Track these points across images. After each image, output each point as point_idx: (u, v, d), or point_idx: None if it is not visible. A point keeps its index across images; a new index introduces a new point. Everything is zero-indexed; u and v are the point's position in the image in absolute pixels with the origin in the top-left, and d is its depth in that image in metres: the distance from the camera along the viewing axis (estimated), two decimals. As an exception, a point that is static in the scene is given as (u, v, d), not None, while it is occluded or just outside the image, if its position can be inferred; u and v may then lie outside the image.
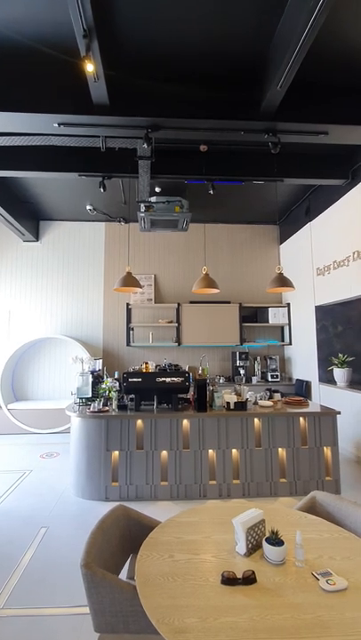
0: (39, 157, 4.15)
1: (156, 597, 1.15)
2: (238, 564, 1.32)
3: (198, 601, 1.14)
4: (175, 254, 6.38)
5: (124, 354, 6.11)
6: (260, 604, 1.13)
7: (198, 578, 1.25)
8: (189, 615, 1.08)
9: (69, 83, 3.05)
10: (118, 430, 3.23)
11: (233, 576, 1.22)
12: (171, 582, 1.22)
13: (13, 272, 6.22)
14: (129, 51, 2.86)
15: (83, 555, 1.28)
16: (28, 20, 2.62)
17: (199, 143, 3.71)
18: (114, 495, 3.17)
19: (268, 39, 2.73)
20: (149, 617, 1.08)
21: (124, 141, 3.50)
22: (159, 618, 1.07)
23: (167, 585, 1.21)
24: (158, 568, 1.29)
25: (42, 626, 1.84)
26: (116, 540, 1.54)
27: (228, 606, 1.12)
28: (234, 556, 1.37)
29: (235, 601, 1.14)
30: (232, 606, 1.12)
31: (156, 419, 3.24)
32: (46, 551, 2.47)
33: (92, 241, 6.33)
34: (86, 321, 6.19)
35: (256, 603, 1.13)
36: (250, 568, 1.27)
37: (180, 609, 1.11)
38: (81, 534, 2.67)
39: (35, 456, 4.52)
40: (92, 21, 2.36)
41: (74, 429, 3.40)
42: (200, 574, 1.27)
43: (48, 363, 6.13)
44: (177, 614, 1.09)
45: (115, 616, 1.22)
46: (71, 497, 3.30)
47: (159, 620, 1.06)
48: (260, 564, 1.31)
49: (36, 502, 3.20)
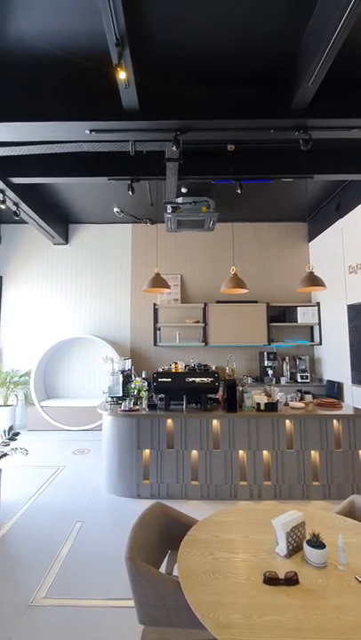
0: (70, 163, 4.28)
1: (199, 593, 1.18)
2: (279, 564, 1.32)
3: (241, 599, 1.16)
4: (201, 254, 6.39)
5: (151, 354, 6.19)
6: (303, 604, 1.13)
7: (240, 576, 1.26)
8: (233, 612, 1.10)
9: (100, 90, 3.13)
10: (149, 429, 3.28)
11: (275, 576, 1.23)
12: (213, 579, 1.24)
13: (44, 274, 6.45)
14: (158, 55, 2.91)
15: (126, 549, 1.33)
16: (62, 32, 2.71)
17: (227, 143, 3.70)
18: (145, 493, 3.23)
19: (298, 37, 2.69)
20: (194, 611, 1.11)
21: (153, 145, 3.54)
22: (204, 613, 1.10)
23: (209, 582, 1.23)
24: (200, 565, 1.31)
25: (82, 617, 1.91)
26: (155, 536, 1.58)
27: (271, 605, 1.13)
28: (274, 556, 1.37)
29: (278, 600, 1.15)
30: (275, 605, 1.13)
31: (186, 418, 3.27)
32: (83, 545, 2.56)
33: (119, 242, 6.46)
34: (114, 321, 6.32)
35: (300, 603, 1.13)
36: (291, 569, 1.27)
37: (224, 605, 1.13)
38: (115, 530, 2.74)
39: (67, 452, 4.67)
40: (124, 30, 2.42)
41: (105, 427, 3.49)
42: (241, 573, 1.28)
43: (78, 362, 6.31)
44: (221, 610, 1.11)
45: (159, 609, 1.26)
46: (103, 493, 3.39)
47: (204, 614, 1.09)
48: (301, 566, 1.31)
49: (71, 497, 3.32)
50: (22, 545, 2.55)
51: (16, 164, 4.23)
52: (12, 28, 2.65)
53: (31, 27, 2.64)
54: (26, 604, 1.99)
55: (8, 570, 2.28)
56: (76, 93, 3.19)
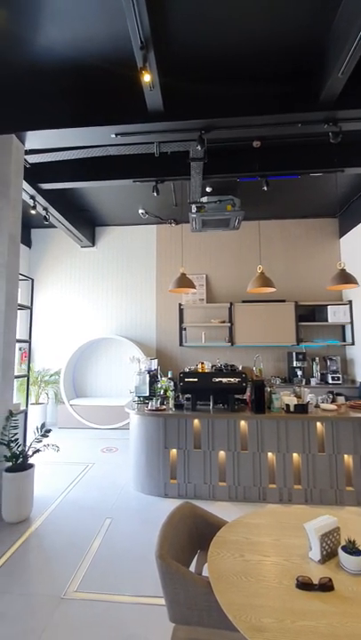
0: (97, 167, 4.38)
1: (230, 594, 1.16)
2: (312, 569, 1.28)
3: (273, 602, 1.13)
4: (227, 253, 6.34)
5: (176, 354, 6.21)
6: (339, 611, 1.09)
7: (271, 580, 1.23)
8: (266, 615, 1.08)
9: (125, 94, 3.18)
10: (176, 429, 3.29)
11: (309, 581, 1.19)
12: (244, 581, 1.22)
13: (72, 276, 6.63)
14: (181, 56, 2.92)
15: (156, 546, 1.33)
16: (88, 40, 2.78)
17: (253, 140, 3.66)
18: (173, 492, 3.24)
19: (326, 26, 2.61)
20: (226, 612, 1.09)
21: (178, 145, 3.56)
22: (236, 614, 1.08)
23: (241, 584, 1.21)
24: (230, 566, 1.30)
25: (112, 612, 1.94)
26: (185, 535, 1.58)
27: (305, 610, 1.09)
28: (307, 561, 1.33)
29: (312, 606, 1.11)
30: (309, 611, 1.09)
31: (213, 419, 3.25)
32: (112, 541, 2.60)
33: (144, 244, 6.53)
34: (140, 321, 6.40)
35: (335, 610, 1.09)
36: (325, 575, 1.22)
37: (256, 608, 1.11)
38: (144, 528, 2.77)
39: (96, 450, 4.77)
40: (148, 32, 2.44)
41: (133, 426, 3.54)
42: (273, 576, 1.25)
43: (105, 362, 6.44)
44: (253, 613, 1.09)
45: (189, 608, 1.25)
46: (131, 491, 3.43)
47: (236, 616, 1.07)
48: (335, 572, 1.26)
49: (100, 494, 3.38)
50: (55, 538, 2.63)
51: (45, 170, 4.39)
52: (41, 39, 2.75)
53: (59, 36, 2.73)
54: (58, 597, 2.04)
55: (42, 562, 2.36)
56: (101, 98, 3.26)
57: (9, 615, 1.91)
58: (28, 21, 2.60)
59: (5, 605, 1.98)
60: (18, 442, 3.04)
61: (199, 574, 1.60)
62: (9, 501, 2.84)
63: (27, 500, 2.91)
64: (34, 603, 2.00)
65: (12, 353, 3.25)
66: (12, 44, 2.78)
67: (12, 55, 2.89)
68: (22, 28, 2.65)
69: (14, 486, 2.85)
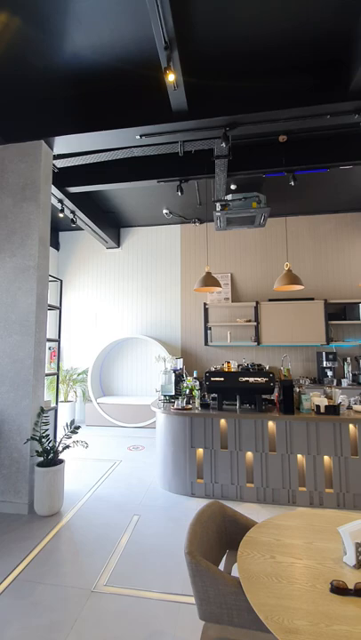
0: (122, 169, 4.46)
1: (261, 595, 1.14)
2: (347, 574, 1.23)
3: (306, 605, 1.10)
4: (252, 251, 6.25)
5: (202, 353, 6.20)
6: (377, 619, 1.04)
7: (304, 583, 1.20)
8: (298, 617, 1.05)
9: (149, 95, 3.22)
10: (202, 428, 3.28)
11: (344, 586, 1.14)
12: (275, 583, 1.20)
13: (98, 277, 6.78)
14: (205, 53, 2.91)
15: (186, 543, 1.33)
16: (112, 43, 2.82)
17: (278, 134, 3.58)
18: (200, 492, 3.23)
19: (354, 15, 2.51)
20: (257, 613, 1.07)
21: (202, 143, 3.55)
22: (267, 615, 1.06)
23: (272, 585, 1.19)
24: (261, 567, 1.27)
25: (141, 607, 1.96)
26: (214, 533, 1.56)
27: (339, 615, 1.06)
28: (341, 566, 1.28)
29: (347, 611, 1.07)
30: (344, 616, 1.05)
31: (240, 419, 3.21)
32: (140, 537, 2.63)
33: (168, 243, 6.57)
34: (165, 321, 6.43)
35: (373, 618, 1.05)
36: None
37: (288, 610, 1.08)
38: (171, 526, 2.78)
39: (123, 448, 4.84)
40: (172, 32, 2.45)
41: (159, 425, 3.56)
42: (305, 579, 1.22)
43: (131, 361, 6.53)
44: (285, 615, 1.06)
45: (219, 607, 1.24)
46: (158, 489, 3.45)
47: (267, 617, 1.05)
48: (373, 579, 1.20)
49: (128, 491, 3.43)
50: (85, 532, 2.69)
51: (72, 174, 4.51)
52: (67, 45, 2.83)
53: (85, 41, 2.79)
54: (89, 590, 2.09)
55: (73, 554, 2.42)
56: (125, 101, 3.31)
57: (43, 604, 1.97)
58: (55, 28, 2.68)
59: (39, 595, 2.05)
60: (49, 437, 3.14)
61: (228, 574, 1.58)
62: (41, 495, 2.94)
63: (58, 495, 3.00)
64: (66, 594, 2.05)
65: (42, 352, 3.36)
66: (39, 51, 2.87)
67: (39, 63, 2.98)
68: (49, 35, 2.74)
69: (46, 481, 2.94)
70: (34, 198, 3.39)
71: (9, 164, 3.46)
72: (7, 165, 3.47)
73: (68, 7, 2.53)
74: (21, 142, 3.46)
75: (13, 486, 3.06)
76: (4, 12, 2.56)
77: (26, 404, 3.14)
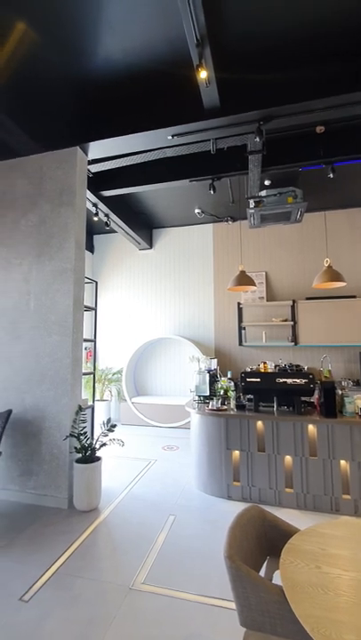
0: (154, 170, 4.49)
1: (306, 606, 1.08)
2: None
3: (355, 619, 1.03)
4: (288, 249, 6.05)
5: (236, 354, 6.09)
6: None
7: (353, 596, 1.12)
8: (348, 632, 0.98)
9: (180, 94, 3.21)
10: (238, 430, 3.21)
11: None
12: (322, 594, 1.13)
13: (131, 279, 6.88)
14: (236, 48, 2.85)
15: (225, 546, 1.29)
16: (143, 46, 2.84)
17: (315, 125, 3.44)
18: (236, 495, 3.16)
19: None
20: (303, 623, 1.02)
21: (234, 139, 3.49)
22: (313, 627, 1.00)
23: (318, 596, 1.12)
24: (305, 577, 1.21)
25: (178, 608, 1.94)
26: (253, 538, 1.51)
27: (396, 636, 0.97)
28: (395, 581, 1.18)
29: None
30: None
31: (278, 421, 3.10)
32: (176, 538, 2.61)
33: (200, 243, 6.53)
34: (198, 321, 6.40)
35: None
36: None
37: (336, 623, 1.01)
38: (208, 528, 2.74)
39: (157, 447, 4.87)
40: (204, 28, 2.43)
41: (193, 425, 3.53)
42: (354, 592, 1.14)
43: (164, 361, 6.56)
44: (333, 627, 0.99)
45: (261, 615, 1.19)
46: (194, 490, 3.43)
47: (314, 629, 0.99)
48: None
49: (163, 490, 3.43)
50: (122, 529, 2.73)
51: (106, 177, 4.62)
52: (100, 51, 2.88)
53: (117, 45, 2.83)
54: (127, 587, 2.10)
55: (110, 551, 2.46)
56: (157, 102, 3.33)
57: (83, 598, 2.02)
58: (88, 35, 2.75)
59: (79, 588, 2.09)
60: (86, 435, 3.22)
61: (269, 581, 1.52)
62: (79, 491, 3.02)
63: (95, 491, 3.07)
64: (104, 589, 2.08)
65: (80, 351, 3.46)
66: (73, 59, 2.95)
67: (73, 70, 3.07)
68: (82, 42, 2.80)
69: (84, 477, 3.02)
70: (70, 203, 3.50)
71: (47, 172, 3.61)
72: (45, 172, 3.61)
73: (100, 14, 2.58)
74: (58, 150, 3.59)
75: (54, 481, 3.17)
76: (39, 24, 2.66)
77: (65, 401, 3.24)
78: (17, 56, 2.90)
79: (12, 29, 2.69)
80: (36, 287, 3.48)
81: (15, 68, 2.98)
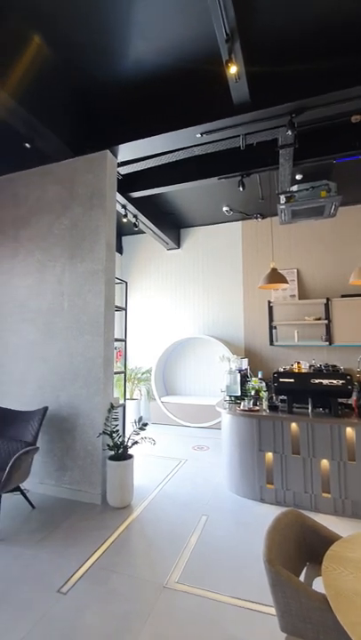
0: (181, 169, 4.49)
1: (352, 614, 1.03)
2: None
3: None
4: (321, 244, 5.84)
5: (267, 353, 5.96)
6: None
7: None
8: None
9: (209, 92, 3.18)
10: (271, 431, 3.13)
11: None
12: (370, 606, 1.07)
13: (159, 279, 6.92)
14: (267, 41, 2.79)
15: (264, 550, 1.26)
16: (172, 45, 2.85)
17: (350, 115, 3.30)
18: (269, 498, 3.09)
19: None
20: (349, 633, 0.97)
21: (265, 134, 3.41)
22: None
23: (366, 608, 1.06)
24: (350, 585, 1.15)
25: (212, 609, 1.92)
26: (292, 543, 1.46)
27: None
28: None
29: None
30: None
31: (313, 423, 3.00)
32: (210, 538, 2.59)
33: (229, 241, 6.46)
34: (227, 320, 6.33)
35: None
36: None
37: (388, 639, 0.95)
38: (241, 530, 2.70)
39: (187, 447, 4.87)
40: (234, 23, 2.39)
41: (225, 426, 3.49)
42: None
43: (193, 361, 6.55)
44: (385, 644, 0.94)
45: (303, 622, 1.15)
46: (225, 491, 3.39)
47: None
48: None
49: (194, 490, 3.42)
50: (154, 527, 2.74)
51: (134, 179, 4.67)
52: (129, 54, 2.92)
53: (147, 47, 2.86)
54: (161, 585, 2.11)
55: (144, 548, 2.48)
56: (185, 100, 3.31)
57: (118, 593, 2.05)
58: (118, 39, 2.79)
59: (115, 583, 2.13)
60: (118, 433, 3.27)
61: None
62: (113, 487, 3.07)
63: (128, 488, 3.11)
64: (139, 586, 2.10)
65: (111, 351, 3.52)
66: (103, 63, 3.01)
67: (104, 74, 3.12)
68: (112, 47, 2.85)
69: (117, 474, 3.07)
70: (101, 206, 3.57)
71: (78, 176, 3.70)
72: (77, 177, 3.71)
73: (130, 18, 2.61)
74: (88, 154, 3.67)
75: (88, 477, 3.25)
76: (70, 31, 2.73)
77: (97, 400, 3.31)
78: (50, 64, 3.00)
79: (42, 38, 2.79)
80: (68, 288, 3.59)
81: (48, 75, 3.09)
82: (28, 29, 2.74)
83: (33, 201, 3.89)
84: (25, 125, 3.19)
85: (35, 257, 3.79)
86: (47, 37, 2.80)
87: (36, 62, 2.97)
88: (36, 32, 2.76)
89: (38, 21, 2.65)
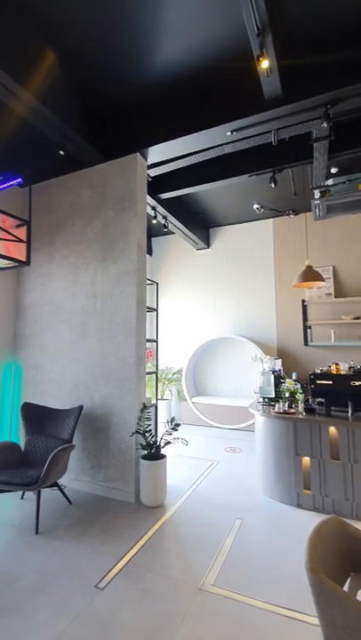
0: (211, 169, 4.46)
1: None
2: None
3: None
4: (359, 240, 5.57)
5: (301, 354, 5.78)
6: None
7: None
8: None
9: (239, 89, 3.13)
10: (307, 435, 3.03)
11: None
12: None
13: (189, 279, 6.92)
14: (298, 32, 2.71)
15: (307, 558, 1.21)
16: (201, 45, 2.83)
17: (390, 102, 3.11)
18: (307, 504, 2.98)
19: None
20: None
21: (298, 128, 3.31)
22: None
23: None
24: None
25: (249, 615, 1.88)
26: (335, 552, 1.39)
27: None
28: None
29: None
30: None
31: (354, 428, 2.86)
32: (245, 542, 2.54)
33: (260, 239, 6.33)
34: (259, 320, 6.21)
35: None
36: None
37: None
38: (277, 536, 2.63)
39: (219, 449, 4.82)
40: (265, 15, 2.34)
41: (258, 428, 3.42)
42: None
43: (224, 361, 6.48)
44: None
45: (350, 634, 1.09)
46: (260, 495, 3.31)
47: None
48: None
49: (227, 493, 3.38)
50: (188, 528, 2.73)
51: (163, 180, 4.69)
52: (158, 56, 2.94)
53: (175, 47, 2.86)
54: (196, 587, 2.10)
55: (178, 548, 2.48)
56: (215, 99, 3.28)
57: (153, 592, 2.05)
58: (147, 43, 2.81)
59: (149, 582, 2.14)
60: (151, 432, 3.29)
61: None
62: (146, 487, 3.10)
63: (161, 488, 3.12)
64: (174, 586, 2.10)
65: (143, 351, 3.56)
66: (133, 67, 3.04)
67: (133, 78, 3.16)
68: (142, 51, 2.88)
69: (150, 473, 3.09)
70: (132, 208, 3.62)
71: (110, 180, 3.78)
72: (109, 181, 3.79)
73: (158, 19, 2.62)
74: (119, 158, 3.74)
75: (122, 475, 3.30)
76: (101, 36, 2.79)
77: (130, 399, 3.36)
78: (79, 70, 3.09)
79: (72, 44, 2.87)
80: (101, 290, 3.67)
81: (78, 81, 3.18)
82: (57, 37, 2.83)
83: (67, 206, 4.02)
84: (57, 132, 3.31)
85: (69, 260, 3.92)
86: (77, 44, 2.87)
87: (66, 69, 3.06)
88: (63, 39, 2.84)
89: (67, 28, 2.73)
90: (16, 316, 4.22)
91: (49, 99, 3.00)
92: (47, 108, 3.00)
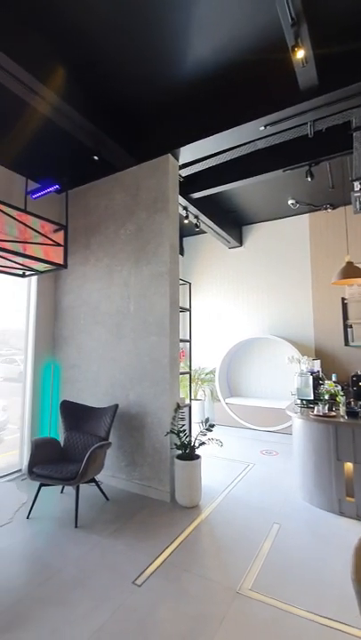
0: (243, 165, 4.38)
1: None
2: None
3: None
4: None
5: (341, 354, 5.52)
6: None
7: None
8: None
9: (272, 82, 3.05)
10: (350, 440, 2.88)
11: None
12: None
13: (222, 278, 6.85)
14: (334, 19, 2.58)
15: (353, 569, 1.15)
16: (232, 41, 2.77)
17: None
18: (350, 511, 2.84)
19: None
20: None
21: (336, 118, 3.17)
22: None
23: None
24: None
25: (290, 623, 1.82)
26: (384, 565, 1.31)
27: None
28: None
29: None
30: None
31: None
32: (284, 547, 2.47)
33: (295, 236, 6.13)
34: (294, 319, 6.01)
35: None
36: None
37: None
38: (317, 543, 2.53)
39: (255, 451, 4.72)
40: (299, 5, 2.25)
41: (296, 431, 3.31)
42: None
43: (258, 362, 6.34)
44: None
45: None
46: (298, 500, 3.20)
47: None
48: None
49: (264, 496, 3.30)
50: (224, 530, 2.70)
51: (194, 179, 4.68)
52: (189, 57, 2.91)
53: (207, 45, 2.83)
54: (234, 590, 2.06)
55: (215, 549, 2.46)
56: (246, 94, 3.22)
57: (190, 593, 2.05)
58: (177, 43, 2.80)
59: (186, 582, 2.13)
60: (185, 432, 3.29)
61: None
62: (181, 486, 3.10)
63: (196, 488, 3.11)
64: (211, 588, 2.08)
65: (176, 351, 3.57)
66: (163, 68, 3.04)
67: (163, 79, 3.15)
68: (171, 51, 2.87)
69: (185, 473, 3.09)
70: (164, 209, 3.64)
71: (142, 182, 3.83)
72: (141, 183, 3.84)
73: (188, 18, 2.59)
74: (151, 160, 3.77)
75: (157, 474, 3.33)
76: (133, 40, 2.83)
77: (164, 399, 3.38)
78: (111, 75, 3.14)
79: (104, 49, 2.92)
80: (134, 291, 3.72)
81: (110, 87, 3.23)
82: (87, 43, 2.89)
83: (102, 209, 4.12)
84: (92, 139, 3.40)
85: (103, 262, 4.02)
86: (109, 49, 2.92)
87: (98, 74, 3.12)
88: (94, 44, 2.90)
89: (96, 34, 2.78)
90: (54, 318, 4.40)
91: (85, 106, 3.10)
92: (81, 115, 3.09)
